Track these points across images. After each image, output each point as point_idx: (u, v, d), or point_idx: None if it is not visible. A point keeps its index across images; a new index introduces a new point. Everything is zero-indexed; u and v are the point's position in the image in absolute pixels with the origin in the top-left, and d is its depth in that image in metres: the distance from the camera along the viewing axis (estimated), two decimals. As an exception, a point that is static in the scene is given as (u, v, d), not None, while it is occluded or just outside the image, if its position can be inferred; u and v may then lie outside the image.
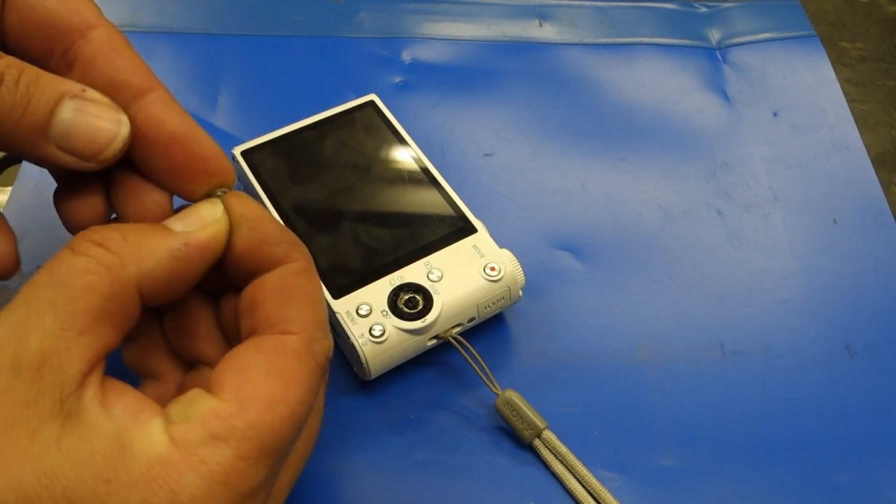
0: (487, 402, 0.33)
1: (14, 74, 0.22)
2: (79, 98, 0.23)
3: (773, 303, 0.37)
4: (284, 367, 0.23)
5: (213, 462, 0.20)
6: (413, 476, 0.31)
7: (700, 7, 0.49)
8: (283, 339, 0.23)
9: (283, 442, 0.22)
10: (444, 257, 0.34)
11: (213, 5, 0.48)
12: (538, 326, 0.36)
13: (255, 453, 0.21)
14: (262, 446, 0.21)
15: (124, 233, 0.22)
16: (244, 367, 0.22)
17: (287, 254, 0.24)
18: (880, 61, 0.49)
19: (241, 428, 0.21)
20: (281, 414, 0.22)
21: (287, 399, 0.22)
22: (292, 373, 0.23)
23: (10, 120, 0.22)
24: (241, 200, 0.25)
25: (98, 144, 0.24)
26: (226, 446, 0.21)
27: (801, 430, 0.33)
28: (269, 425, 0.21)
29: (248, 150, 0.37)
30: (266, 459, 0.21)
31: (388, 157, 0.37)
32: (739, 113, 0.44)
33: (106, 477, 0.20)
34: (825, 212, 0.40)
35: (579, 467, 0.31)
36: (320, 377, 0.24)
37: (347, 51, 0.46)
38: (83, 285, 0.21)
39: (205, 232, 0.24)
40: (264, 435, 0.21)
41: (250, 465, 0.21)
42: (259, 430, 0.21)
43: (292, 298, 0.24)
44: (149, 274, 0.22)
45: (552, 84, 0.45)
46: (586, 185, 0.41)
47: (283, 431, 0.22)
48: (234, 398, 0.22)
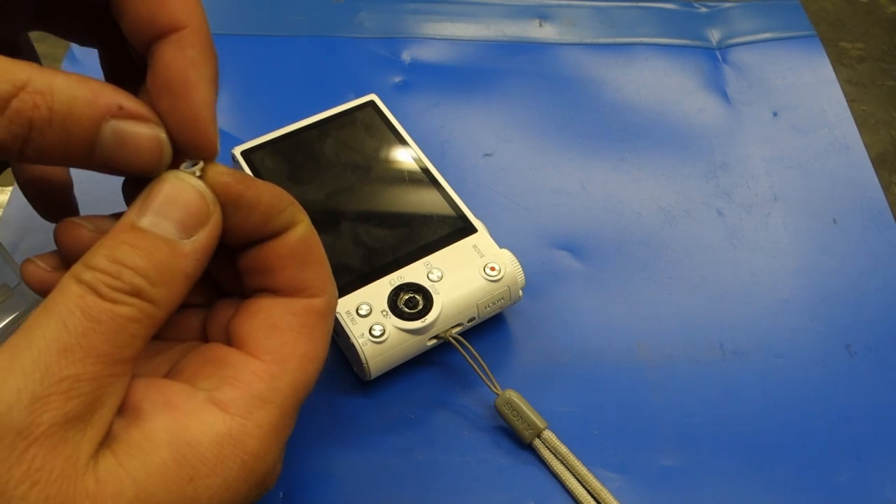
0: (487, 402, 0.33)
1: (44, 115, 0.21)
2: (116, 118, 0.22)
3: (773, 303, 0.37)
4: (313, 328, 0.24)
5: (266, 423, 0.22)
6: (413, 476, 0.31)
7: (700, 7, 0.49)
8: (311, 302, 0.25)
9: (309, 392, 0.24)
10: (444, 257, 0.34)
11: (213, 5, 0.47)
12: (538, 326, 0.36)
13: (295, 407, 0.23)
14: (299, 400, 0.24)
15: (144, 273, 0.21)
16: (278, 328, 0.24)
17: (292, 218, 0.25)
18: (880, 61, 0.49)
19: (283, 388, 0.23)
20: (313, 370, 0.24)
21: (317, 356, 0.24)
22: (319, 331, 0.24)
23: (54, 157, 0.22)
24: (230, 178, 0.23)
25: (145, 166, 0.23)
26: (272, 406, 0.22)
27: (801, 430, 0.33)
28: (304, 382, 0.23)
29: (248, 150, 0.37)
30: (297, 410, 0.24)
31: (388, 157, 0.37)
32: (739, 113, 0.44)
33: (188, 476, 0.21)
34: (825, 212, 0.40)
35: (579, 467, 0.31)
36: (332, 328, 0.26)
37: (347, 51, 0.46)
38: (131, 335, 0.21)
39: (209, 233, 0.23)
40: (301, 391, 0.23)
41: (291, 417, 0.23)
42: (297, 388, 0.23)
43: (309, 263, 0.25)
44: (175, 307, 0.23)
45: (552, 84, 0.45)
46: (586, 185, 0.41)
47: (311, 385, 0.24)
48: (273, 360, 0.23)
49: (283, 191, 0.25)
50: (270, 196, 0.24)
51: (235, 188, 0.23)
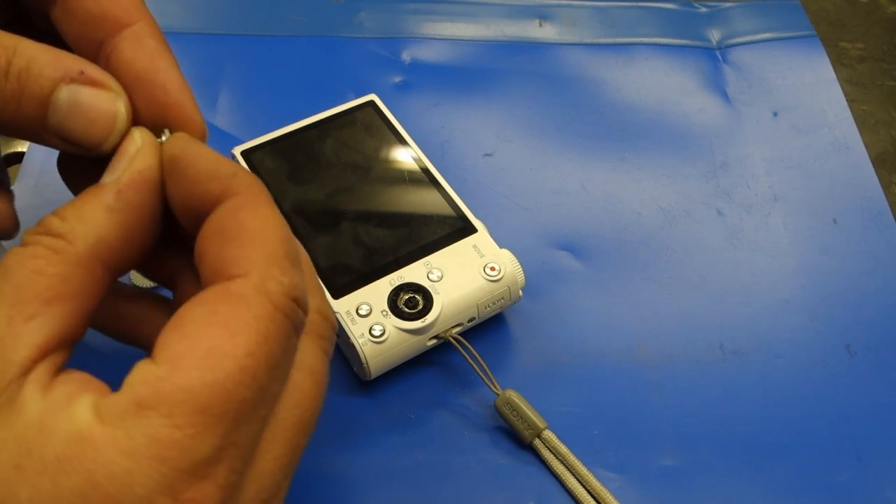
0: (487, 402, 0.33)
1: (2, 65, 0.21)
2: (76, 82, 0.21)
3: (773, 303, 0.37)
4: (228, 315, 0.19)
5: (139, 434, 0.17)
6: (413, 476, 0.31)
7: (700, 7, 0.49)
8: (226, 285, 0.20)
9: (236, 403, 0.18)
10: (444, 257, 0.34)
11: (213, 5, 0.48)
12: (538, 326, 0.36)
13: (196, 419, 0.18)
14: (203, 410, 0.18)
15: (60, 213, 0.21)
16: (181, 322, 0.19)
17: (225, 188, 0.21)
18: (880, 61, 0.49)
19: (171, 392, 0.18)
20: (225, 369, 0.18)
21: (232, 351, 0.18)
22: (239, 319, 0.19)
23: (6, 114, 0.21)
24: (177, 141, 0.22)
25: (96, 137, 0.22)
26: (154, 414, 0.18)
27: (801, 430, 0.33)
28: (209, 384, 0.18)
29: (248, 150, 0.37)
30: (213, 427, 0.18)
31: (388, 157, 0.37)
32: (739, 113, 0.44)
33: (17, 463, 0.17)
34: (825, 212, 0.40)
35: (579, 467, 0.31)
36: (284, 323, 0.20)
37: (347, 51, 0.46)
38: (31, 270, 0.19)
39: (132, 168, 0.21)
40: (204, 397, 0.18)
41: (190, 434, 0.18)
42: (195, 392, 0.18)
43: (234, 238, 0.20)
44: (99, 241, 0.20)
45: (552, 84, 0.45)
46: (586, 185, 0.41)
47: (231, 390, 0.18)
48: (164, 359, 0.19)
49: (227, 162, 0.22)
50: (204, 161, 0.21)
51: (172, 147, 0.22)
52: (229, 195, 0.21)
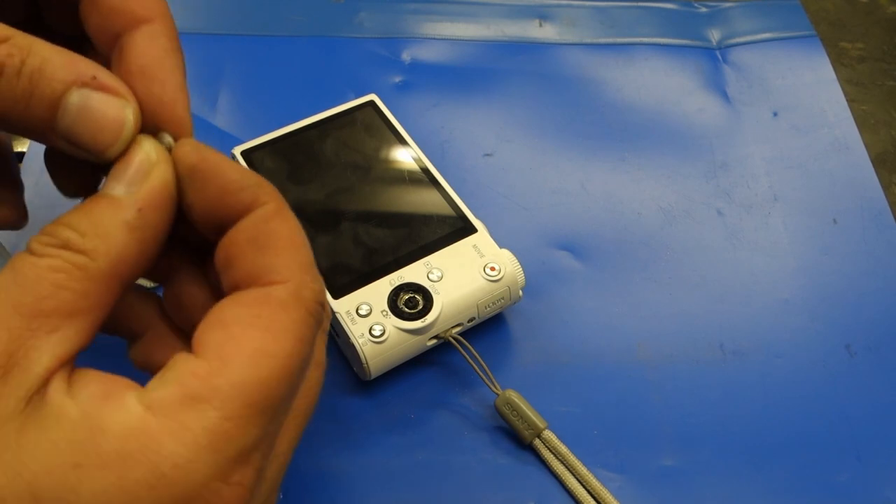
0: (487, 402, 0.33)
1: (16, 63, 0.21)
2: (87, 87, 0.22)
3: (773, 303, 0.37)
4: (271, 319, 0.21)
5: (197, 426, 0.19)
6: (413, 476, 0.31)
7: (700, 7, 0.49)
8: (267, 290, 0.21)
9: (275, 398, 0.20)
10: (444, 257, 0.34)
11: (213, 5, 0.48)
12: (538, 326, 0.36)
13: (244, 412, 0.19)
14: (251, 404, 0.19)
15: (76, 226, 0.21)
16: (225, 322, 0.21)
17: (254, 198, 0.22)
18: (880, 61, 0.49)
19: (224, 387, 0.19)
20: (270, 368, 0.20)
21: (276, 352, 0.20)
22: (280, 323, 0.21)
23: (15, 113, 0.21)
24: (191, 148, 0.22)
25: (102, 143, 0.22)
26: (209, 407, 0.19)
27: (801, 430, 0.33)
28: (257, 381, 0.20)
29: (248, 150, 0.37)
30: (257, 419, 0.20)
31: (388, 157, 0.37)
32: (739, 113, 0.44)
33: (75, 461, 0.18)
34: (825, 212, 0.40)
35: (579, 467, 0.31)
36: (313, 325, 0.22)
37: (347, 51, 0.46)
38: (52, 283, 0.20)
39: (150, 184, 0.22)
40: (253, 392, 0.20)
41: (239, 426, 0.19)
42: (245, 388, 0.19)
43: (269, 246, 0.22)
44: (119, 259, 0.21)
45: (552, 84, 0.45)
46: (586, 185, 0.41)
47: (273, 387, 0.20)
48: (214, 356, 0.20)
49: (250, 171, 0.23)
50: (230, 171, 0.22)
51: (190, 156, 0.22)
52: (259, 204, 0.22)
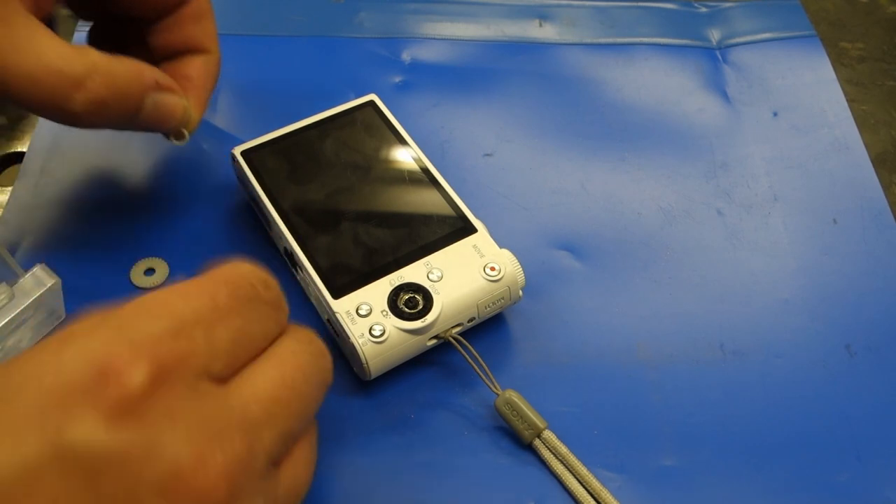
0: (487, 402, 0.33)
1: (110, 92, 0.30)
2: (155, 90, 0.32)
3: (773, 303, 0.37)
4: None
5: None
6: (413, 476, 0.31)
7: (700, 7, 0.49)
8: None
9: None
10: (444, 257, 0.34)
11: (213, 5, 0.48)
12: (538, 326, 0.36)
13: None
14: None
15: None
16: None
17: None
18: (880, 61, 0.49)
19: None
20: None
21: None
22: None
23: (107, 122, 0.31)
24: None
25: (173, 124, 0.34)
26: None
27: (801, 430, 0.33)
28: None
29: (248, 150, 0.37)
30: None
31: (388, 157, 0.37)
32: (739, 113, 0.44)
33: None
34: (825, 212, 0.40)
35: (579, 467, 0.31)
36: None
37: (347, 51, 0.46)
38: None
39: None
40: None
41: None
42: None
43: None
44: None
45: (552, 84, 0.45)
46: (586, 185, 0.41)
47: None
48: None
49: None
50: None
51: None
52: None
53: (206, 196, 0.39)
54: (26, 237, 0.37)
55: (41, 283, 0.33)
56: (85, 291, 0.35)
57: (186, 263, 0.37)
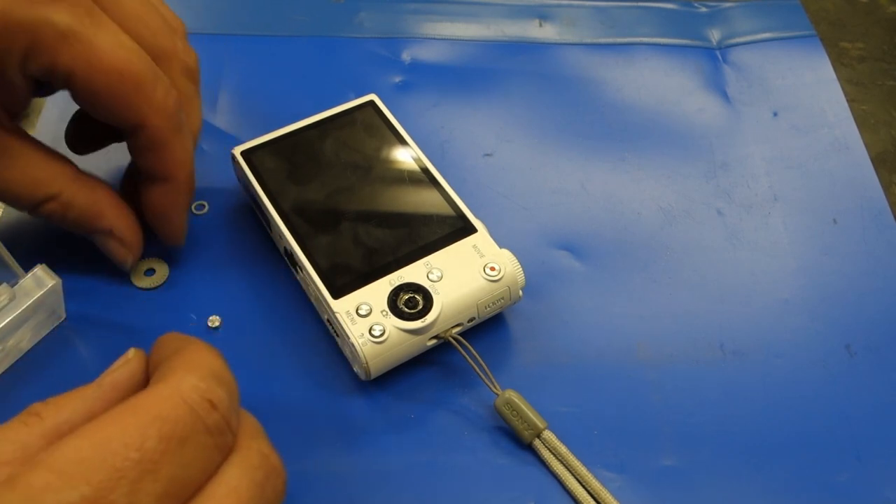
0: (487, 402, 0.33)
1: (61, 215, 0.33)
2: (105, 236, 0.34)
3: (773, 303, 0.37)
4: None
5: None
6: (413, 476, 0.31)
7: (700, 7, 0.49)
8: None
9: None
10: (444, 257, 0.34)
11: (213, 5, 0.48)
12: (538, 326, 0.36)
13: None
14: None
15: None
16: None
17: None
18: (880, 61, 0.49)
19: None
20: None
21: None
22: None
23: (67, 224, 0.33)
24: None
25: (117, 262, 0.35)
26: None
27: (801, 430, 0.33)
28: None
29: (248, 150, 0.37)
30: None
31: (388, 157, 0.37)
32: (739, 113, 0.44)
33: None
34: (825, 212, 0.40)
35: (579, 467, 0.31)
36: (188, 413, 0.22)
37: (347, 51, 0.46)
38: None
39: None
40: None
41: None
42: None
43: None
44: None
45: (552, 84, 0.45)
46: (586, 185, 0.41)
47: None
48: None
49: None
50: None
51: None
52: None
53: (206, 196, 0.39)
54: (26, 237, 0.37)
55: (42, 283, 0.33)
56: (85, 292, 0.36)
57: (187, 264, 0.37)
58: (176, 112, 0.31)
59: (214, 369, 0.23)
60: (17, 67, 0.28)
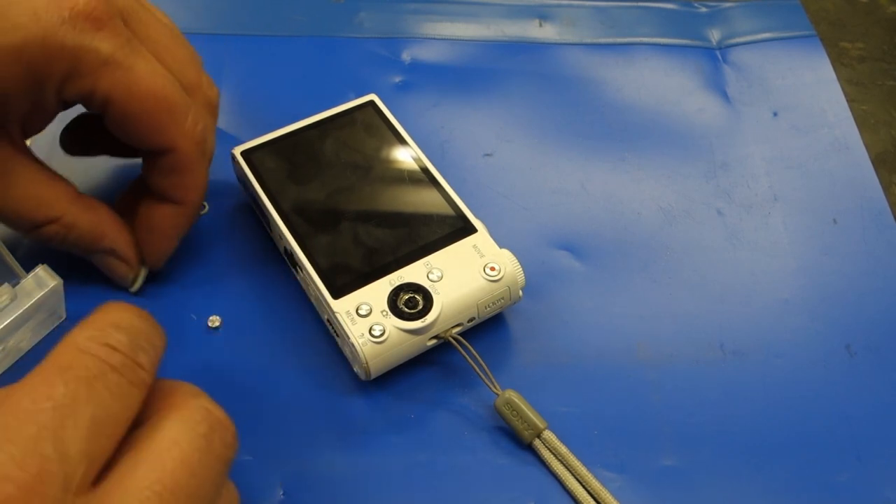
0: (487, 402, 0.33)
1: (62, 238, 0.33)
2: (107, 255, 0.34)
3: (773, 303, 0.37)
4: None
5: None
6: (413, 476, 0.31)
7: (700, 7, 0.49)
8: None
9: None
10: (444, 257, 0.34)
11: (213, 5, 0.48)
12: (538, 326, 0.36)
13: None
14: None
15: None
16: None
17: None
18: (880, 61, 0.49)
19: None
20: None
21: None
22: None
23: (63, 248, 0.34)
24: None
25: (117, 281, 0.36)
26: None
27: (801, 430, 0.33)
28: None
29: (248, 150, 0.37)
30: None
31: (388, 157, 0.37)
32: (739, 113, 0.44)
33: None
34: (825, 212, 0.40)
35: (579, 467, 0.31)
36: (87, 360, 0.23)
37: (347, 51, 0.46)
38: None
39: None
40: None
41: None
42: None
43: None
44: None
45: (552, 84, 0.45)
46: (586, 185, 0.41)
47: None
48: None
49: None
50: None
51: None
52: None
53: (206, 196, 0.39)
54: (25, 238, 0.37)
55: (43, 284, 0.33)
56: (86, 292, 0.35)
57: (187, 264, 0.37)
58: (203, 139, 0.33)
59: (111, 320, 0.24)
60: (54, 90, 0.29)
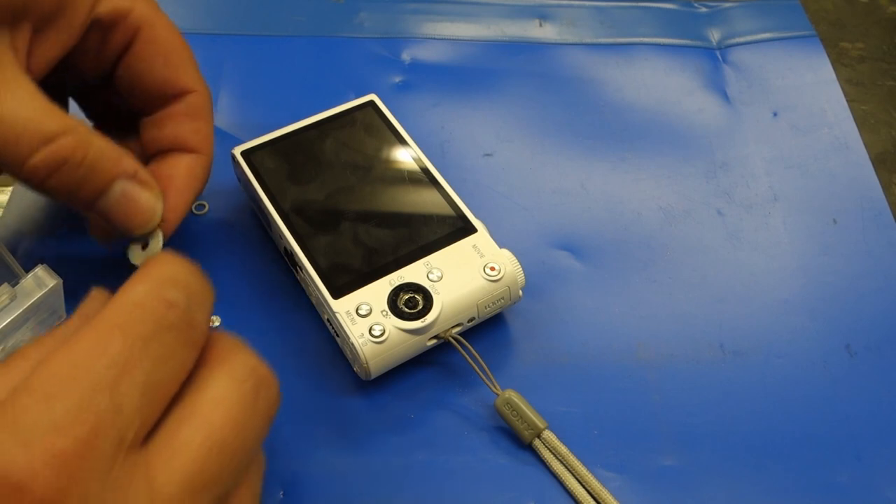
0: (487, 402, 0.33)
1: (79, 157, 0.27)
2: (130, 180, 0.29)
3: (773, 303, 0.37)
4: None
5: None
6: (413, 476, 0.31)
7: (700, 7, 0.49)
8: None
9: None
10: (444, 257, 0.34)
11: (213, 5, 0.48)
12: (538, 326, 0.36)
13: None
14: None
15: None
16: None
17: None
18: (880, 61, 0.49)
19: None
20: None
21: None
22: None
23: (66, 192, 0.27)
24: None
25: (133, 225, 0.29)
26: None
27: (801, 430, 0.33)
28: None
29: (248, 150, 0.37)
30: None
31: (388, 157, 0.37)
32: (739, 113, 0.44)
33: None
34: (825, 212, 0.40)
35: (579, 467, 0.31)
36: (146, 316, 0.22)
37: (347, 51, 0.46)
38: None
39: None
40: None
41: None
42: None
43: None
44: None
45: (552, 84, 0.45)
46: (586, 185, 0.41)
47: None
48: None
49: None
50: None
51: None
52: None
53: (206, 196, 0.39)
54: (26, 237, 0.37)
55: (43, 283, 0.33)
56: (86, 292, 0.35)
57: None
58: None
59: (167, 275, 0.23)
60: (89, 4, 0.29)
